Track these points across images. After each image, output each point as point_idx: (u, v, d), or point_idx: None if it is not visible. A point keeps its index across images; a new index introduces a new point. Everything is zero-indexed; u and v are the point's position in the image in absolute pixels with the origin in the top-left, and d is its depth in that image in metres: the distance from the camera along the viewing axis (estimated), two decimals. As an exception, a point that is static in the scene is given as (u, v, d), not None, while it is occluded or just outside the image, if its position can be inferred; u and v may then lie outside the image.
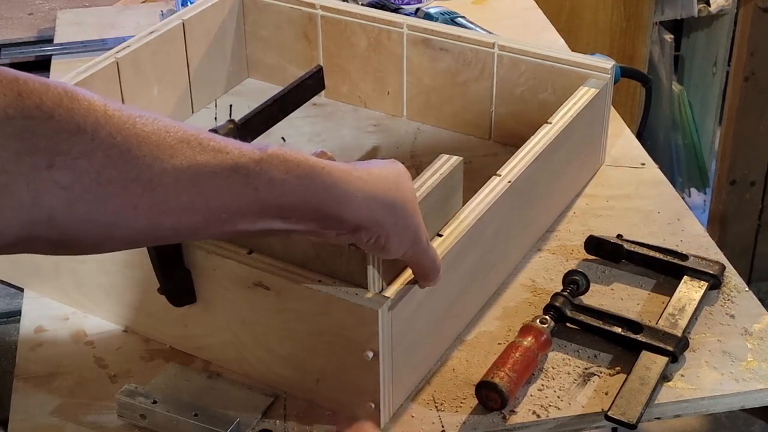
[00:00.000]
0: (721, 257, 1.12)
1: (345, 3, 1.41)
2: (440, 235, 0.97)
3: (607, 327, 1.01)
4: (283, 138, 1.33)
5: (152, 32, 1.30)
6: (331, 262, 0.90)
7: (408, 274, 0.91)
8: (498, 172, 1.05)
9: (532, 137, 1.11)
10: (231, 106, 1.40)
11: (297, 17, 1.39)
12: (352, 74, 1.39)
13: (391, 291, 0.90)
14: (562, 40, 1.55)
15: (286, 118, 1.15)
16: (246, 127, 1.06)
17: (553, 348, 1.00)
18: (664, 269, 1.10)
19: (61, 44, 1.57)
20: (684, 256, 1.09)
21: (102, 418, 0.94)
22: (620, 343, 1.00)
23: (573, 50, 1.32)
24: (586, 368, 0.99)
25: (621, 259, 1.11)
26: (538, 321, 1.00)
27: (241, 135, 1.04)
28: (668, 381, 0.97)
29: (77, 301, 1.06)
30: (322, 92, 1.41)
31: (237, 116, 1.11)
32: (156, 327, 1.01)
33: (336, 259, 0.89)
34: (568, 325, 1.02)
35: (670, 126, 2.49)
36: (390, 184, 0.79)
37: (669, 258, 1.09)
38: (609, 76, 1.21)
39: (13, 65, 1.70)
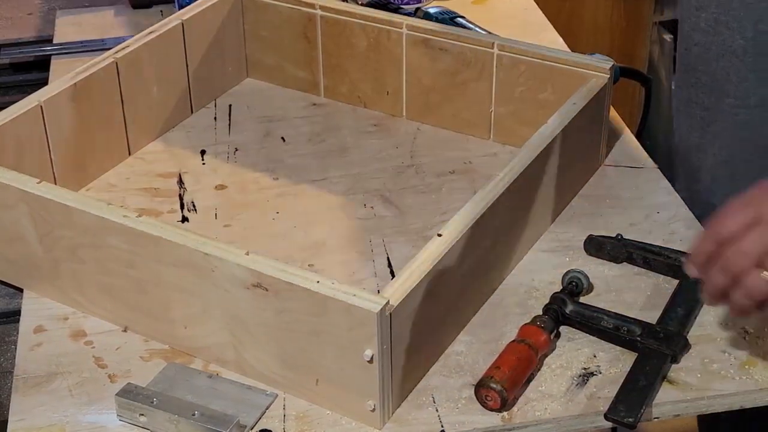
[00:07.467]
0: (721, 257, 1.12)
1: (345, 3, 1.41)
2: (440, 235, 0.97)
3: (607, 327, 1.01)
4: (282, 138, 1.33)
5: (152, 32, 1.30)
6: (330, 262, 0.90)
7: (406, 275, 0.92)
8: (498, 172, 1.05)
9: (531, 137, 1.11)
10: (230, 106, 1.40)
11: (296, 17, 1.39)
12: (352, 74, 1.39)
13: (389, 292, 0.90)
14: (561, 40, 1.55)
15: (286, 117, 1.15)
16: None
17: (553, 348, 1.00)
18: (664, 269, 1.10)
19: (61, 44, 1.57)
20: (684, 256, 1.09)
21: (102, 418, 0.94)
22: (620, 343, 1.00)
23: (573, 50, 1.32)
24: (585, 368, 0.99)
25: (621, 259, 1.11)
26: (538, 321, 1.00)
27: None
28: (668, 381, 0.97)
29: (77, 301, 1.06)
30: (322, 92, 1.42)
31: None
32: (156, 327, 1.01)
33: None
34: (568, 325, 1.02)
35: (671, 126, 2.49)
36: None
37: (669, 258, 1.09)
38: (609, 76, 1.21)
39: (12, 65, 1.70)
